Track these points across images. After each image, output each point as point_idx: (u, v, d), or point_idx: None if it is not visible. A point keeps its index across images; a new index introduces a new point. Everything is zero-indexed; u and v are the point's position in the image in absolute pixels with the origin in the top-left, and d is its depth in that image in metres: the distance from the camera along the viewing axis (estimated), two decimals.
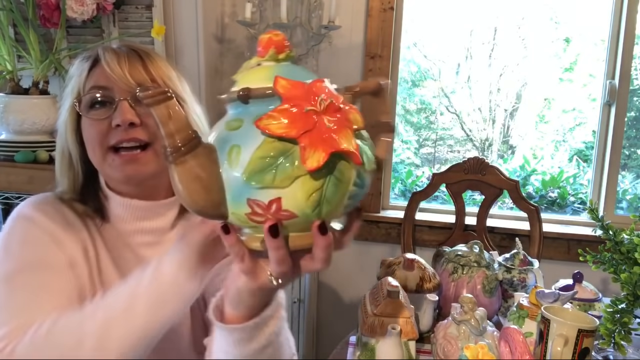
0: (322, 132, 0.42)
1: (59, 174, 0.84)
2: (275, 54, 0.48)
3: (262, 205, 0.43)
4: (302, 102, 0.43)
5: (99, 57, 0.79)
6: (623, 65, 1.91)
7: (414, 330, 0.98)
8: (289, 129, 0.41)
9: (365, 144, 0.46)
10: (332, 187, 0.43)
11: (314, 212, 0.43)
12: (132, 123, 0.76)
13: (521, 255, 1.32)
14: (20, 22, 1.50)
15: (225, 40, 2.11)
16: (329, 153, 0.41)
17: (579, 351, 0.87)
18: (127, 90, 0.77)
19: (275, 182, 0.42)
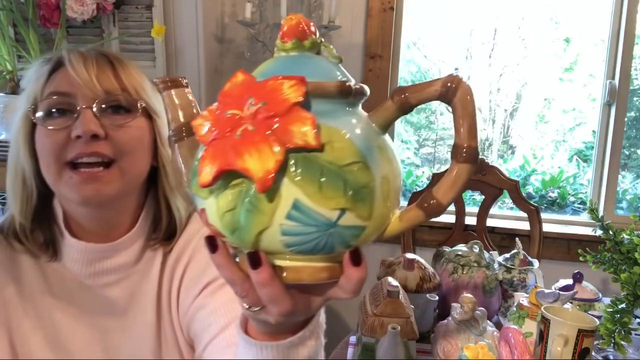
0: (228, 143, 0.34)
1: (9, 194, 0.72)
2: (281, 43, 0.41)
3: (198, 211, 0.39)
4: (233, 103, 0.36)
5: (63, 60, 0.69)
6: (623, 65, 1.91)
7: (414, 330, 0.98)
8: (206, 134, 0.36)
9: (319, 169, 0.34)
10: (245, 212, 0.34)
11: (233, 237, 0.36)
12: (96, 135, 0.65)
13: (521, 255, 1.32)
14: (20, 22, 1.50)
15: (225, 40, 2.11)
16: (219, 170, 0.34)
17: (579, 351, 0.87)
18: (92, 97, 0.67)
19: (196, 191, 0.37)
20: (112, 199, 0.69)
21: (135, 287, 0.75)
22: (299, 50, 0.40)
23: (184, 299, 0.75)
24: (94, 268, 0.73)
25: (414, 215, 0.39)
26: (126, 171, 0.69)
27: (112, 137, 0.68)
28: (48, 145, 0.67)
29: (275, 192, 0.33)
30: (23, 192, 0.72)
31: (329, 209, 0.34)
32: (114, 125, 0.68)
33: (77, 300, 0.74)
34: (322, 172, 0.34)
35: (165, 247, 0.77)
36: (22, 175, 0.71)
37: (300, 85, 0.35)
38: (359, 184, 0.34)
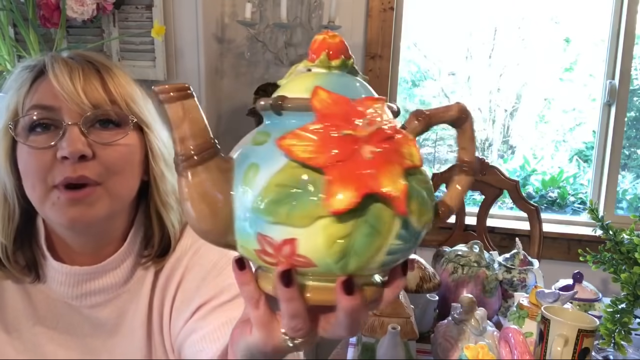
0: (358, 165, 0.32)
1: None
2: (327, 59, 0.39)
3: (274, 244, 0.34)
4: (341, 122, 0.33)
5: (46, 68, 0.63)
6: (623, 65, 1.91)
7: (414, 330, 0.98)
8: (316, 155, 0.32)
9: (420, 188, 0.36)
10: (363, 237, 0.33)
11: (338, 265, 0.34)
12: (84, 155, 0.60)
13: (521, 255, 1.32)
14: (20, 22, 1.50)
15: (225, 40, 2.11)
16: (362, 194, 0.32)
17: (579, 351, 0.87)
18: (78, 112, 0.61)
19: (291, 219, 0.33)
20: (100, 221, 0.65)
21: (125, 307, 0.72)
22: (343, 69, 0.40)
23: (176, 320, 0.72)
24: (81, 289, 0.69)
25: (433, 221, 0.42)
26: (114, 192, 0.64)
27: (100, 156, 0.62)
28: (33, 167, 0.62)
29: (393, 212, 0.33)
30: (4, 211, 0.66)
31: (423, 224, 0.36)
32: (103, 143, 0.63)
33: (64, 322, 0.71)
34: (422, 190, 0.36)
35: (157, 264, 0.73)
36: (3, 192, 0.66)
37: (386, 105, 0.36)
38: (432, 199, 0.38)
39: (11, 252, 0.67)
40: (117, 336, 0.72)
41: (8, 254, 0.67)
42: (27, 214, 0.68)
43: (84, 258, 0.69)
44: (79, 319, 0.71)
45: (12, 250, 0.67)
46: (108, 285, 0.70)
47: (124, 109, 0.65)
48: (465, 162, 0.45)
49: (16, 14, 1.51)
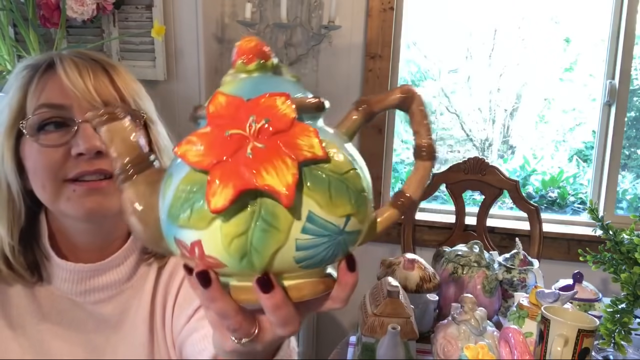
0: (240, 162, 0.33)
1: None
2: (243, 65, 0.39)
3: (187, 247, 0.35)
4: (229, 123, 0.34)
5: (54, 66, 0.64)
6: (623, 65, 1.91)
7: (414, 330, 0.98)
8: (202, 157, 0.33)
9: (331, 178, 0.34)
10: (260, 233, 0.33)
11: (242, 263, 0.34)
12: (99, 151, 0.61)
13: (521, 255, 1.32)
14: (20, 22, 1.50)
15: (225, 40, 2.11)
16: (239, 190, 0.32)
17: (579, 351, 0.87)
18: (89, 109, 0.61)
19: (192, 222, 0.34)
20: (113, 214, 0.65)
21: (128, 303, 0.73)
22: (262, 71, 0.40)
23: (178, 317, 0.72)
24: (85, 286, 0.70)
25: (390, 214, 0.42)
26: None
27: None
28: (43, 163, 0.62)
29: (290, 207, 0.33)
30: (10, 212, 0.66)
31: (338, 217, 0.35)
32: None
33: (67, 318, 0.71)
34: (330, 182, 0.34)
35: (160, 261, 0.74)
36: (8, 193, 0.66)
37: (290, 100, 0.35)
38: (357, 189, 0.36)
39: (17, 252, 0.67)
40: (120, 332, 0.73)
41: (15, 254, 0.67)
42: (31, 214, 0.68)
43: (89, 255, 0.70)
44: (82, 315, 0.71)
45: (17, 250, 0.67)
46: (112, 282, 0.71)
47: (132, 104, 0.67)
48: (420, 147, 0.43)
49: (16, 14, 1.51)
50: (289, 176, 0.32)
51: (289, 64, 2.05)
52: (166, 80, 1.91)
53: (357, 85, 2.05)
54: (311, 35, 2.02)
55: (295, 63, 2.06)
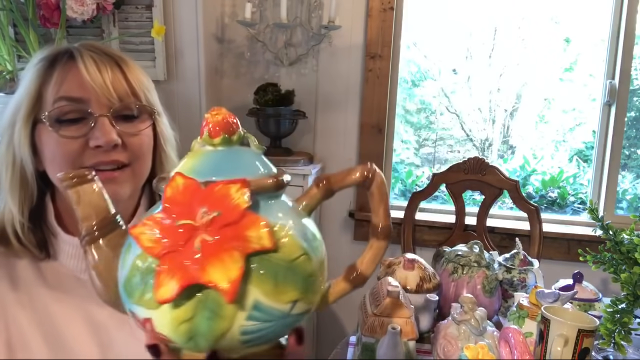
0: (188, 255, 0.34)
1: (6, 190, 0.70)
2: (209, 137, 0.41)
3: (140, 320, 0.37)
4: (183, 211, 0.35)
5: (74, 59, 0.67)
6: (623, 65, 1.91)
7: (414, 330, 0.98)
8: (154, 245, 0.35)
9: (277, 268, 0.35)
10: (205, 320, 0.34)
11: (188, 345, 0.35)
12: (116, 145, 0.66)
13: (521, 255, 1.32)
14: (20, 22, 1.50)
15: (225, 40, 2.11)
16: (183, 286, 0.33)
17: (579, 351, 0.87)
18: (106, 104, 0.66)
19: (143, 302, 0.35)
20: (125, 199, 0.71)
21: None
22: (228, 144, 0.41)
23: None
24: None
25: (342, 288, 0.43)
26: (138, 173, 0.71)
27: (127, 143, 0.69)
28: (63, 153, 0.66)
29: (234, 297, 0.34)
30: (22, 192, 0.70)
31: (285, 303, 0.36)
32: (128, 132, 0.69)
33: (72, 294, 0.73)
34: (277, 271, 0.35)
35: None
36: (21, 174, 0.70)
37: (245, 188, 0.35)
38: (306, 274, 0.37)
39: (27, 229, 0.70)
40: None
41: (25, 231, 0.70)
42: (42, 195, 0.72)
43: None
44: (86, 293, 0.72)
45: (27, 227, 0.70)
46: None
47: (143, 100, 0.71)
48: (376, 227, 0.45)
49: (16, 14, 1.51)
50: (235, 271, 0.33)
51: (289, 64, 2.05)
52: (166, 80, 1.91)
53: (357, 85, 2.05)
54: (311, 35, 2.02)
55: (295, 63, 2.06)
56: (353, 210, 2.12)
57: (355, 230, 2.13)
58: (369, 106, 2.04)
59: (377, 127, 2.05)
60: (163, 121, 0.77)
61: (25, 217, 0.70)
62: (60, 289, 0.73)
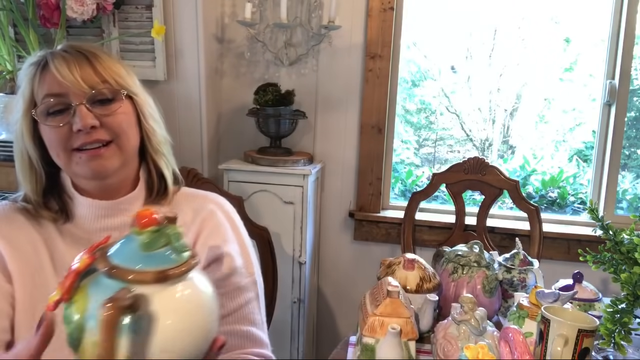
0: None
1: (20, 177, 0.86)
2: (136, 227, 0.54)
3: None
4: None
5: (48, 63, 0.80)
6: (623, 65, 1.91)
7: (414, 330, 0.98)
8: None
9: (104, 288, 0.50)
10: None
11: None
12: (93, 126, 0.79)
13: (521, 255, 1.32)
14: (20, 22, 1.50)
15: (225, 40, 2.11)
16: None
17: (579, 351, 0.87)
18: (81, 94, 0.79)
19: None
20: (114, 171, 0.83)
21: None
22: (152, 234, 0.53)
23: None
24: (101, 224, 0.86)
25: None
26: (122, 147, 0.83)
27: (106, 123, 0.81)
28: (55, 139, 0.80)
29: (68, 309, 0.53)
30: (32, 176, 0.85)
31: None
32: (105, 114, 0.81)
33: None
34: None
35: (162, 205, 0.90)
36: (29, 162, 0.84)
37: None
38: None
39: (42, 203, 0.86)
40: None
41: (40, 205, 0.86)
42: (51, 175, 0.87)
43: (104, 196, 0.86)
44: None
45: (42, 202, 0.86)
46: (120, 224, 0.87)
47: (114, 85, 0.82)
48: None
49: (16, 14, 1.51)
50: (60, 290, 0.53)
51: (289, 64, 2.05)
52: (166, 80, 1.91)
53: (357, 85, 2.05)
54: (311, 35, 2.02)
55: (295, 63, 2.06)
56: (353, 210, 2.12)
57: (355, 230, 2.14)
58: (369, 106, 2.04)
59: (377, 127, 2.05)
60: (143, 100, 0.87)
61: (40, 195, 0.85)
62: (75, 248, 0.82)
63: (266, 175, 1.86)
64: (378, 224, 2.10)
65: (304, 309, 1.94)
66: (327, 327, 2.22)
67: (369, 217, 2.09)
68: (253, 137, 2.08)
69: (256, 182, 1.86)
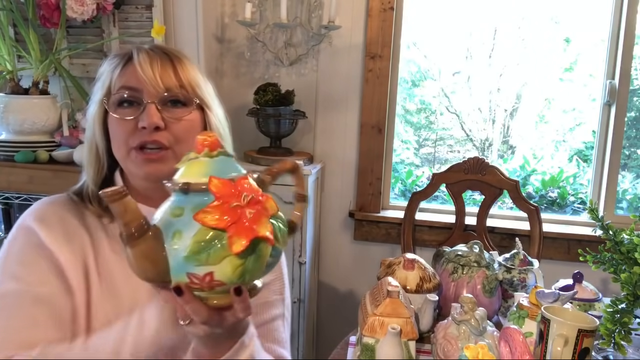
0: (243, 222, 0.53)
1: (86, 163, 0.86)
2: (209, 152, 0.59)
3: (199, 277, 0.54)
4: (230, 198, 0.54)
5: (132, 57, 0.82)
6: (623, 65, 1.91)
7: (414, 330, 0.98)
8: (219, 222, 0.52)
9: (279, 222, 0.58)
10: (253, 262, 0.54)
11: (240, 280, 0.55)
12: (157, 127, 0.78)
13: (521, 255, 1.32)
14: (20, 22, 1.50)
15: (225, 40, 2.11)
16: (249, 239, 0.52)
17: (579, 351, 0.87)
18: (155, 93, 0.79)
19: (209, 261, 0.52)
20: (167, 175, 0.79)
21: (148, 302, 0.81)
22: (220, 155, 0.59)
23: None
24: None
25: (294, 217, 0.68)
26: (179, 155, 0.80)
27: (170, 127, 0.80)
28: (119, 132, 0.81)
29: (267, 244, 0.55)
30: (96, 164, 0.85)
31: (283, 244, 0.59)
32: (173, 118, 0.81)
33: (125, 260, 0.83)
34: (280, 226, 0.58)
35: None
36: (96, 150, 0.85)
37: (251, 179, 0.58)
38: (284, 223, 0.60)
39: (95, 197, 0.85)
40: None
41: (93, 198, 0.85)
42: (111, 169, 0.87)
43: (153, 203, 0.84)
44: None
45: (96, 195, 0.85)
46: None
47: (190, 92, 0.83)
48: (299, 195, 0.70)
49: (16, 14, 1.51)
50: (269, 227, 0.55)
51: (289, 64, 2.05)
52: None
53: (357, 85, 2.05)
54: (311, 35, 2.02)
55: (295, 63, 2.06)
56: (353, 210, 2.12)
57: (355, 230, 2.14)
58: (369, 106, 2.04)
59: (377, 127, 2.05)
60: (213, 114, 0.87)
61: (97, 185, 0.85)
62: (120, 251, 0.82)
63: None
64: (378, 224, 2.10)
65: (304, 309, 1.94)
66: (327, 327, 2.22)
67: (369, 217, 2.09)
68: (253, 137, 2.08)
69: None
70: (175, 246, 0.54)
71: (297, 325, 1.93)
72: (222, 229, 0.52)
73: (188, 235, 0.53)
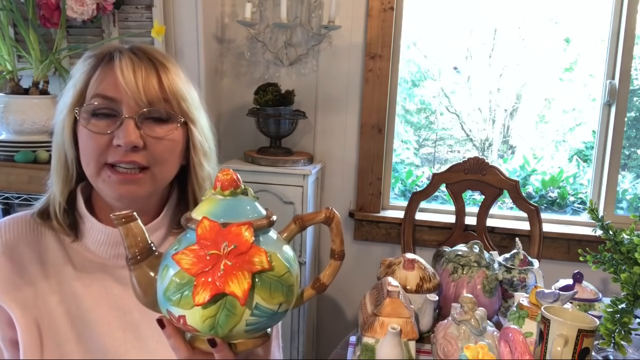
0: (215, 274, 0.50)
1: (53, 172, 0.77)
2: (221, 190, 0.56)
3: (175, 317, 0.53)
4: (211, 244, 0.51)
5: (113, 60, 0.71)
6: (623, 65, 1.91)
7: (414, 330, 0.98)
8: (191, 267, 0.51)
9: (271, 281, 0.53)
10: (224, 317, 0.51)
11: (212, 332, 0.52)
12: (136, 146, 0.69)
13: (521, 255, 1.32)
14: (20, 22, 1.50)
15: (225, 40, 2.11)
16: (212, 294, 0.49)
17: (579, 351, 0.87)
18: (135, 108, 0.69)
19: (181, 304, 0.51)
20: (142, 197, 0.74)
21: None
22: (234, 195, 0.57)
23: None
24: (118, 250, 0.77)
25: (310, 293, 0.63)
26: (157, 176, 0.74)
27: (150, 147, 0.71)
28: (90, 147, 0.71)
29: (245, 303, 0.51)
30: (64, 175, 0.76)
31: (275, 305, 0.53)
32: (153, 136, 0.71)
33: (98, 279, 0.76)
34: (271, 284, 0.52)
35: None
36: (65, 159, 0.75)
37: (250, 228, 0.52)
38: (288, 285, 0.54)
39: (63, 210, 0.76)
40: None
41: (60, 212, 0.76)
42: (80, 180, 0.78)
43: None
44: (111, 279, 0.77)
45: (63, 209, 0.76)
46: None
47: (175, 107, 0.73)
48: (334, 251, 0.63)
49: (16, 14, 1.51)
50: (245, 284, 0.50)
51: (289, 64, 2.05)
52: None
53: (357, 85, 2.05)
54: (311, 35, 2.02)
55: (295, 63, 2.06)
56: (353, 210, 2.12)
57: (355, 230, 2.14)
58: (369, 106, 2.04)
59: (377, 127, 2.05)
60: (198, 129, 0.77)
61: (64, 198, 0.76)
62: (85, 272, 0.76)
63: (266, 175, 1.86)
64: (378, 224, 2.10)
65: (304, 309, 1.94)
66: (327, 327, 2.22)
67: (369, 217, 2.09)
68: (253, 137, 2.08)
69: (256, 182, 1.86)
70: (160, 280, 0.54)
71: (297, 325, 1.93)
72: (192, 275, 0.50)
73: (172, 271, 0.52)
